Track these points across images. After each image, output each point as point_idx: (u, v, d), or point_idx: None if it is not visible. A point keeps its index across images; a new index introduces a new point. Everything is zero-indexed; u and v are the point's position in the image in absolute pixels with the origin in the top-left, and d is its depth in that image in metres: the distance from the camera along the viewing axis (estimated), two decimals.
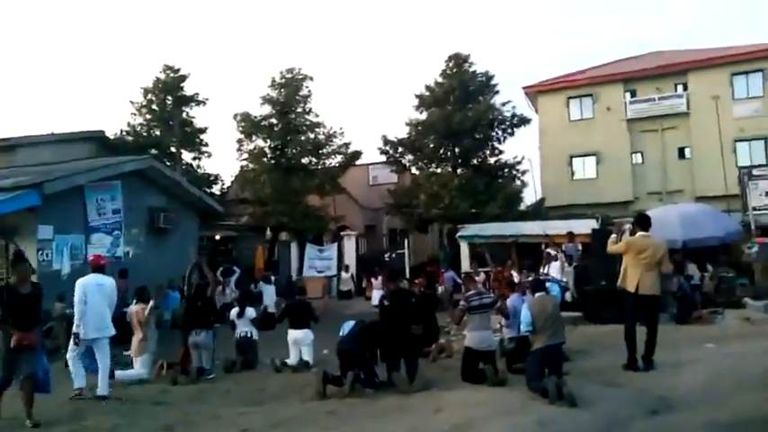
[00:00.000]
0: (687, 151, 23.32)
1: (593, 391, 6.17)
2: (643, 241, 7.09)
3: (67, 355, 7.34)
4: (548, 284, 8.60)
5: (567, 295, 11.16)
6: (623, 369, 6.95)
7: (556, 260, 11.43)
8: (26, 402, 5.82)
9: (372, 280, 18.91)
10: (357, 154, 23.58)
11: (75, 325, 7.18)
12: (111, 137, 23.55)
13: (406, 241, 22.20)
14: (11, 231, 11.82)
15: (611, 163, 23.76)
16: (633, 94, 24.50)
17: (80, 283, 7.24)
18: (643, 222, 7.26)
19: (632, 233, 7.66)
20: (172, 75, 25.79)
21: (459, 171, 22.51)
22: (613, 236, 7.54)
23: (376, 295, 17.84)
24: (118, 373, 8.04)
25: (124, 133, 24.78)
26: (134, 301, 8.83)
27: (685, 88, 23.56)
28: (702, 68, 23.18)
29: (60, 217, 12.53)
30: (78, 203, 13.11)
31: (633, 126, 24.01)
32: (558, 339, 6.61)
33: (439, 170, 23.09)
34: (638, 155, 24.05)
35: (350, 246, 22.19)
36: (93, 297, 7.08)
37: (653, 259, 6.97)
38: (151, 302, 8.58)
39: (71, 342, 7.26)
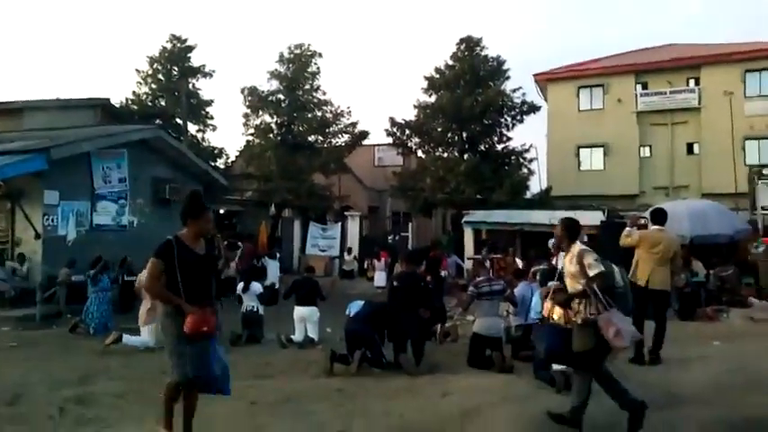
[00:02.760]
0: (696, 147, 23.18)
1: None
2: (657, 235, 7.05)
3: None
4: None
5: None
6: (629, 363, 6.96)
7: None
8: (187, 411, 4.22)
9: (375, 261, 18.93)
10: (364, 134, 23.48)
11: None
12: (117, 105, 23.47)
13: (409, 224, 22.19)
14: (17, 195, 11.83)
15: (619, 155, 23.65)
16: (645, 86, 24.28)
17: None
18: (658, 217, 7.22)
19: (645, 227, 7.63)
20: (179, 45, 25.61)
21: (466, 156, 22.40)
22: (627, 228, 7.49)
23: (378, 276, 17.91)
24: (126, 336, 8.06)
25: (129, 102, 24.64)
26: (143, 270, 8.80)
27: (697, 83, 23.35)
28: (716, 63, 22.94)
29: (66, 183, 12.52)
30: (85, 170, 13.07)
31: (643, 119, 23.85)
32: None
33: (446, 154, 22.98)
34: (647, 148, 23.93)
35: (353, 226, 22.17)
36: None
37: (666, 254, 6.94)
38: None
39: None
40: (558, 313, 4.76)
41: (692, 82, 23.57)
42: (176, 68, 25.48)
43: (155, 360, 7.63)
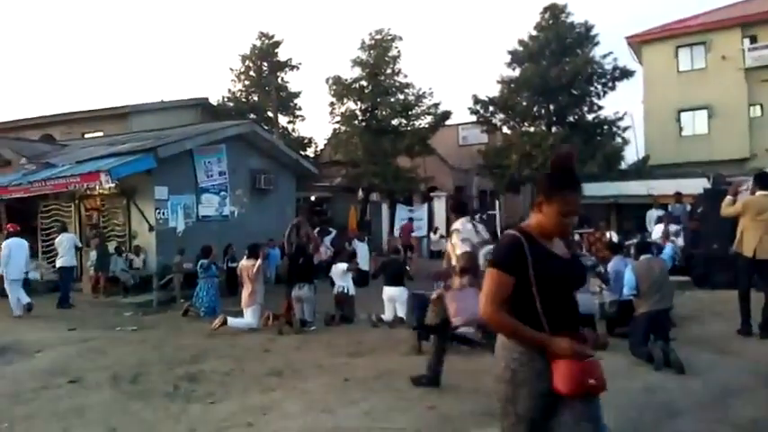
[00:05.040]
0: None
1: (703, 358, 5.91)
2: (763, 201, 6.54)
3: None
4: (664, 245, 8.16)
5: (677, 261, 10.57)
6: (738, 335, 6.57)
7: (662, 221, 10.82)
8: None
9: None
10: (447, 114, 23.30)
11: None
12: (214, 103, 24.94)
13: (497, 202, 21.87)
14: (131, 192, 12.96)
15: (726, 117, 21.80)
16: (753, 40, 22.10)
17: (5, 243, 10.66)
18: (764, 181, 6.69)
19: (752, 192, 7.08)
20: (267, 41, 26.65)
21: (553, 129, 21.64)
22: (729, 197, 6.99)
23: None
24: (230, 319, 8.69)
25: (225, 99, 26.06)
26: (245, 256, 9.43)
27: None
28: None
29: (173, 179, 13.51)
30: (188, 166, 14.03)
31: (752, 75, 21.77)
32: (666, 304, 6.34)
33: (532, 129, 22.32)
34: (757, 107, 21.87)
35: (440, 206, 22.20)
36: (15, 252, 10.53)
37: None
38: (260, 260, 9.11)
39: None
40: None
41: None
42: (266, 64, 26.57)
43: (257, 339, 8.21)
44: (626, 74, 21.59)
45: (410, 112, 22.80)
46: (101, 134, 20.45)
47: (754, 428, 4.27)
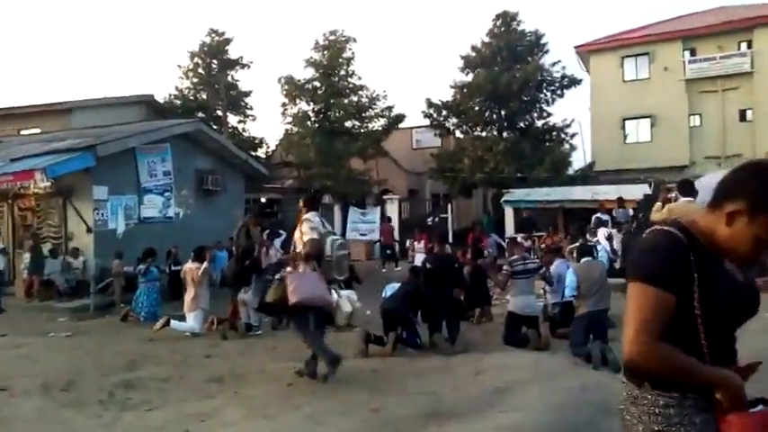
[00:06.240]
0: (749, 113, 22.06)
1: None
2: (686, 207, 6.79)
3: None
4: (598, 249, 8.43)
5: (616, 263, 10.92)
6: None
7: (606, 225, 11.17)
8: None
9: (415, 243, 18.95)
10: (400, 117, 23.38)
11: None
12: (161, 100, 24.20)
13: (449, 206, 22.10)
14: (68, 191, 12.41)
15: (667, 125, 22.76)
16: (693, 52, 23.21)
17: None
18: (685, 188, 6.97)
19: (675, 199, 7.37)
20: (217, 38, 26.08)
21: (504, 134, 22.11)
22: (658, 203, 7.27)
23: (418, 258, 17.91)
24: (173, 322, 8.41)
25: (172, 97, 25.35)
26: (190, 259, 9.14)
27: (750, 46, 22.13)
28: None
29: (114, 178, 13.01)
30: (131, 165, 13.54)
31: (692, 86, 22.83)
32: (604, 305, 6.52)
33: (484, 134, 22.72)
34: (696, 117, 22.93)
35: (392, 209, 22.19)
36: None
37: None
38: (206, 263, 8.84)
39: None
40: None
41: (743, 45, 22.35)
42: (215, 62, 26.00)
43: (200, 345, 7.96)
44: (574, 82, 22.29)
45: (364, 115, 22.79)
46: (38, 131, 19.53)
47: None
